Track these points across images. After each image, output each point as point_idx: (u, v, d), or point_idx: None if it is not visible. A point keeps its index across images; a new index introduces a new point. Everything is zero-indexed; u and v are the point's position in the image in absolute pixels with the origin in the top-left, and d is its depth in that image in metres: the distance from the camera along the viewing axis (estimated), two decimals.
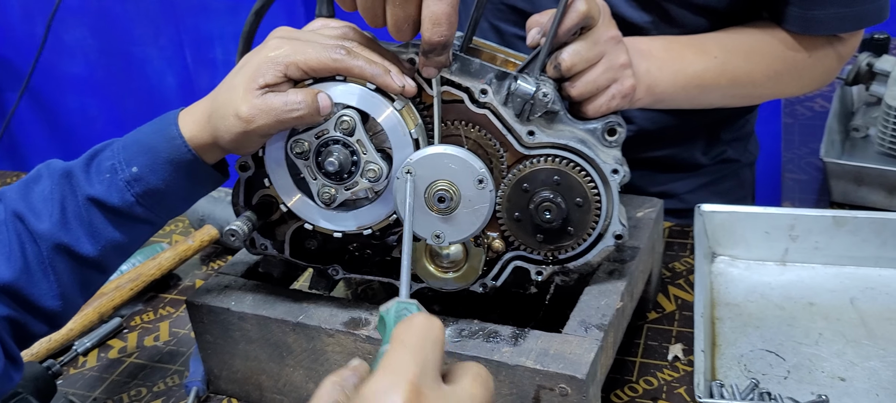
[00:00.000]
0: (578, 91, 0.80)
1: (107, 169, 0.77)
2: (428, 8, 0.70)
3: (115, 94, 2.68)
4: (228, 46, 2.42)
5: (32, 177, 0.79)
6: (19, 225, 0.76)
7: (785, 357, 0.91)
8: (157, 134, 0.78)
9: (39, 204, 0.76)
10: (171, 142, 0.77)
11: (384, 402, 0.47)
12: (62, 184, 0.77)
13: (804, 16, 1.00)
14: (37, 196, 0.77)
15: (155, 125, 0.79)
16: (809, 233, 1.06)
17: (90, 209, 0.77)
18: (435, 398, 0.49)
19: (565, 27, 0.78)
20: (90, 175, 0.77)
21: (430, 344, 0.50)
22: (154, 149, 0.77)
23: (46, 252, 0.76)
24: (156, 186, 0.77)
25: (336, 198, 0.78)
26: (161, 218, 0.81)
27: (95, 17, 2.55)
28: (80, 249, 0.77)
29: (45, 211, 0.76)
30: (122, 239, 0.79)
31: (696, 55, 0.97)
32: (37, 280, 0.76)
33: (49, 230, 0.76)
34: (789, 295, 1.02)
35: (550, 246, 0.82)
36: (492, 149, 0.80)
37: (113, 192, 0.77)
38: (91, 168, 0.78)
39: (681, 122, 1.15)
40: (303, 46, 0.74)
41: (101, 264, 0.80)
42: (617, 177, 0.79)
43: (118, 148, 0.78)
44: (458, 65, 0.78)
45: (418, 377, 0.48)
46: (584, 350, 0.75)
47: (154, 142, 0.77)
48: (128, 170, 0.77)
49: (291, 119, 0.73)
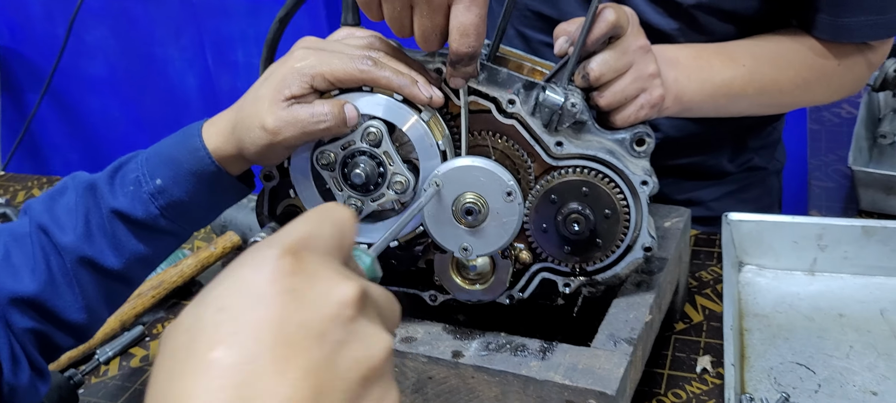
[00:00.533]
0: (607, 101, 0.79)
1: (131, 181, 0.77)
2: (456, 18, 0.69)
3: (136, 95, 2.69)
4: (249, 48, 2.42)
5: (58, 189, 0.79)
6: (43, 237, 0.76)
7: (815, 370, 0.90)
8: (181, 145, 0.77)
9: (64, 217, 0.76)
10: (194, 154, 0.76)
11: (254, 256, 0.39)
12: (86, 196, 0.77)
13: (834, 23, 0.99)
14: (61, 208, 0.77)
15: (178, 136, 0.78)
16: (838, 243, 1.04)
17: (114, 221, 0.77)
18: (317, 265, 0.40)
19: (594, 37, 0.77)
20: (114, 187, 0.77)
21: (329, 223, 0.43)
22: (177, 161, 0.77)
23: (70, 264, 0.76)
24: (179, 198, 0.77)
25: (362, 210, 0.78)
26: (186, 230, 0.81)
27: (116, 18, 2.56)
28: (105, 262, 0.77)
29: (69, 224, 0.76)
30: (147, 251, 0.79)
31: (725, 63, 0.95)
32: (62, 292, 0.76)
33: (73, 243, 0.75)
34: (818, 306, 1.00)
35: (578, 258, 0.81)
36: (519, 159, 0.79)
37: (137, 205, 0.77)
38: (115, 180, 0.78)
39: (707, 130, 1.14)
40: (329, 57, 0.73)
41: (126, 276, 0.79)
42: (646, 188, 0.78)
43: (142, 160, 0.78)
44: (485, 75, 0.77)
45: (300, 242, 0.40)
46: (614, 365, 0.74)
47: (178, 154, 0.77)
48: (152, 182, 0.77)
49: (318, 131, 0.73)
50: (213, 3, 2.38)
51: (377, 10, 0.73)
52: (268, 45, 0.87)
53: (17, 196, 1.58)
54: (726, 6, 1.02)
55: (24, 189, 1.61)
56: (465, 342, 0.79)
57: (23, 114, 2.81)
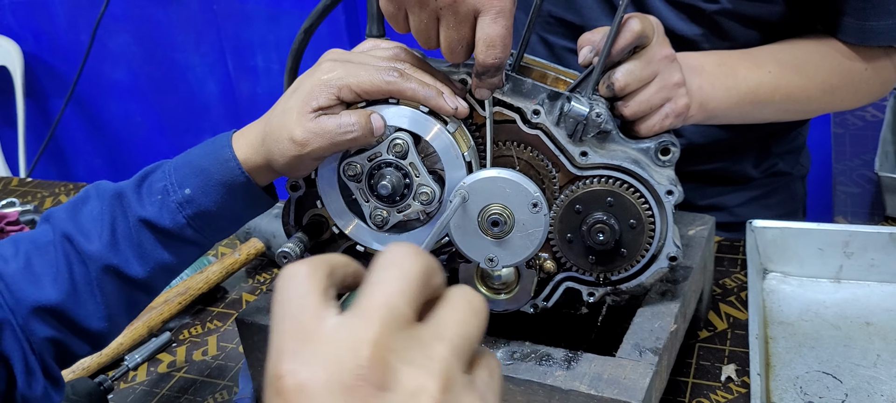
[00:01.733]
0: (632, 110, 0.79)
1: (158, 190, 0.78)
2: (482, 30, 0.70)
3: (158, 101, 2.72)
4: (269, 54, 2.44)
5: (81, 197, 0.79)
6: (68, 246, 0.76)
7: (842, 379, 0.89)
8: (210, 155, 0.78)
9: (89, 225, 0.77)
10: (224, 165, 0.77)
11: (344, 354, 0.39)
12: (113, 204, 0.77)
13: (861, 26, 0.98)
14: (86, 216, 0.77)
15: (207, 147, 0.79)
16: (865, 250, 1.03)
17: (141, 230, 0.77)
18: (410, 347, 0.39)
19: (619, 47, 0.77)
20: (141, 196, 0.78)
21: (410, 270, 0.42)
22: (207, 171, 0.77)
23: (95, 273, 0.76)
24: (208, 208, 0.78)
25: (388, 221, 0.78)
26: (209, 240, 0.81)
27: (139, 25, 2.59)
28: (129, 270, 0.77)
29: (94, 232, 0.76)
30: (171, 260, 0.79)
31: (750, 70, 0.95)
32: (84, 301, 0.76)
33: (99, 251, 0.76)
34: (845, 314, 0.99)
35: (603, 267, 0.81)
36: (544, 170, 0.79)
37: (165, 214, 0.77)
38: (143, 189, 0.78)
39: (731, 136, 1.14)
40: (355, 69, 0.74)
41: (149, 285, 0.80)
42: (671, 197, 0.78)
43: (170, 169, 0.78)
44: (510, 85, 0.78)
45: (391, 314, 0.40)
46: (639, 375, 0.74)
47: (207, 164, 0.77)
48: (180, 191, 0.77)
49: (345, 141, 0.73)
50: (234, 10, 2.40)
51: (403, 22, 0.74)
52: (293, 56, 0.88)
53: (44, 202, 1.60)
54: (750, 12, 1.02)
55: (52, 195, 1.63)
56: (491, 350, 0.79)
57: (47, 121, 2.85)
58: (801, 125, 1.23)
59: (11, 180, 1.75)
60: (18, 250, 0.77)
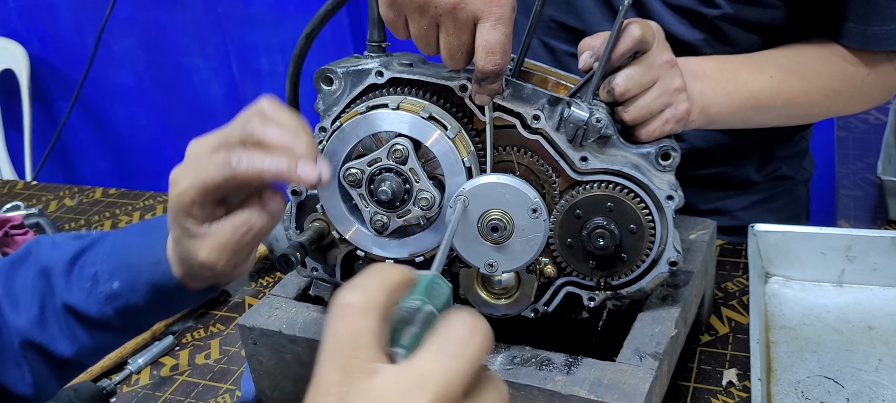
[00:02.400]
0: (632, 116, 0.79)
1: (88, 276, 0.73)
2: (482, 37, 0.70)
3: (163, 103, 2.73)
4: (274, 57, 2.45)
5: (20, 255, 0.76)
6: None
7: (844, 384, 0.89)
8: (144, 250, 0.73)
9: (19, 294, 0.73)
10: (155, 267, 0.72)
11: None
12: (41, 281, 0.74)
13: (863, 31, 0.98)
14: (18, 283, 0.74)
15: (144, 236, 0.74)
16: (867, 254, 1.03)
17: (67, 314, 0.74)
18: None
19: (619, 52, 0.77)
20: (71, 280, 0.73)
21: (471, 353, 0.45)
22: (138, 269, 0.73)
23: (19, 346, 0.73)
24: (136, 304, 0.74)
25: (388, 226, 0.78)
26: (141, 328, 0.79)
27: (144, 29, 2.60)
28: (56, 349, 0.74)
29: (23, 305, 0.73)
30: (100, 344, 0.77)
31: (751, 75, 0.95)
32: (9, 368, 0.73)
33: (25, 326, 0.73)
34: (847, 319, 0.99)
35: (603, 272, 0.81)
36: (544, 174, 0.79)
37: (91, 303, 0.73)
38: (73, 272, 0.74)
39: (733, 140, 1.13)
40: (193, 169, 0.68)
41: (79, 362, 0.77)
42: (671, 203, 0.78)
43: (104, 254, 0.74)
44: (510, 90, 0.78)
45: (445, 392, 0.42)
46: (639, 380, 0.74)
47: (139, 262, 0.73)
48: (109, 283, 0.73)
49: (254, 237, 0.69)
50: (239, 13, 2.41)
51: (403, 29, 0.74)
52: (294, 61, 0.88)
53: (49, 205, 1.60)
54: (751, 17, 1.02)
55: (56, 198, 1.64)
56: (491, 356, 0.79)
57: (53, 124, 2.86)
58: (804, 129, 1.23)
59: (17, 183, 1.76)
60: None
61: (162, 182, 2.79)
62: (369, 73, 0.79)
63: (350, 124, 0.77)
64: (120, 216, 1.52)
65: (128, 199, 1.59)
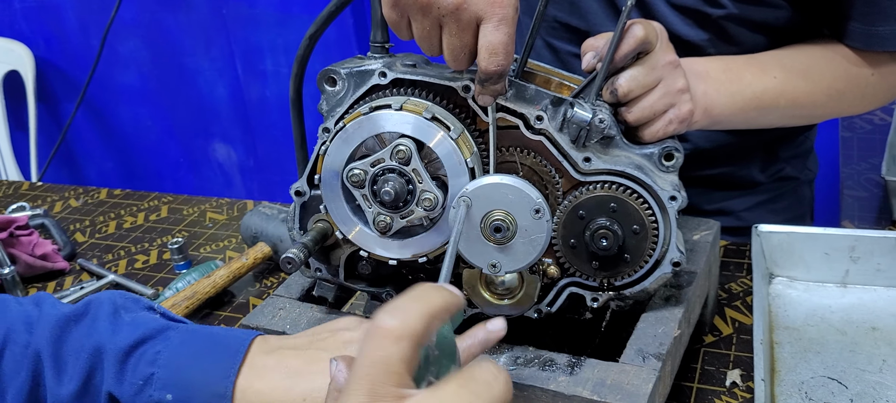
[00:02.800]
0: (635, 116, 0.79)
1: (142, 375, 0.69)
2: (485, 38, 0.70)
3: (168, 104, 2.74)
4: (278, 58, 2.46)
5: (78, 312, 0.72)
6: (39, 366, 0.70)
7: (848, 384, 0.89)
8: (210, 376, 0.69)
9: (68, 360, 0.70)
10: (216, 400, 0.68)
11: None
12: (93, 359, 0.70)
13: (867, 32, 0.98)
14: (69, 349, 0.70)
15: (214, 361, 0.70)
16: (871, 255, 1.03)
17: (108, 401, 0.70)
18: None
19: (622, 53, 0.77)
20: (123, 372, 0.70)
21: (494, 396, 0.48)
22: (195, 391, 0.68)
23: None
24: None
25: (392, 227, 0.79)
26: None
27: (149, 30, 2.61)
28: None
29: (68, 373, 0.69)
30: None
31: (755, 76, 0.95)
32: None
33: (63, 398, 0.69)
34: (850, 319, 0.99)
35: (606, 273, 0.81)
36: (547, 175, 0.79)
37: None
38: (128, 364, 0.70)
39: (737, 140, 1.13)
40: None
41: None
42: (675, 203, 0.78)
43: (165, 358, 0.70)
44: (513, 91, 0.78)
45: None
46: (642, 381, 0.74)
47: (201, 386, 0.69)
48: (161, 393, 0.69)
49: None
50: (243, 14, 2.42)
51: (406, 30, 0.74)
52: (298, 62, 0.88)
53: (54, 206, 1.61)
54: (756, 17, 1.02)
55: (61, 198, 1.64)
56: (494, 356, 0.79)
57: (59, 125, 2.87)
58: (808, 129, 1.22)
59: (22, 184, 1.77)
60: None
61: (167, 182, 2.82)
62: (372, 74, 0.79)
63: (353, 125, 0.77)
64: (125, 217, 1.53)
65: (133, 200, 1.60)
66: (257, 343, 0.72)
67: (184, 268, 1.29)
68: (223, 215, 1.49)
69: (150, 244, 1.41)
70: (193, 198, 1.57)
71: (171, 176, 2.83)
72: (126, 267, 1.33)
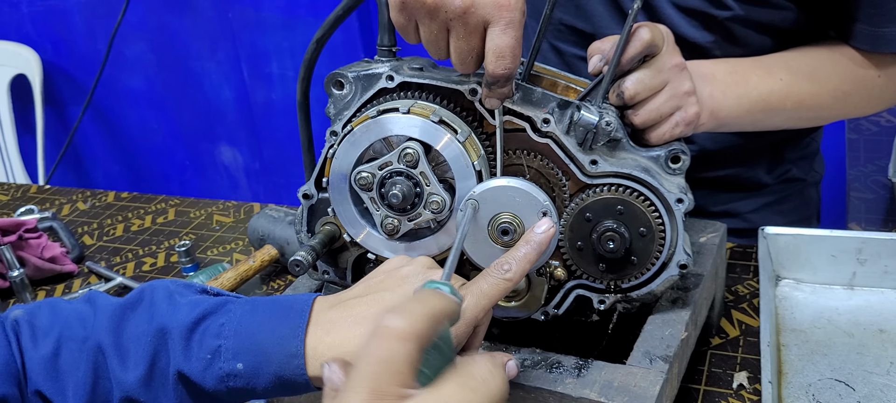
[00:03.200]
0: (642, 119, 0.80)
1: (209, 348, 0.69)
2: (492, 41, 0.70)
3: (174, 108, 2.75)
4: (284, 61, 2.46)
5: (131, 301, 0.72)
6: (100, 358, 0.70)
7: (855, 387, 0.89)
8: (279, 338, 0.68)
9: (129, 346, 0.69)
10: (288, 360, 0.68)
11: None
12: (157, 340, 0.70)
13: (873, 33, 0.98)
14: (129, 335, 0.70)
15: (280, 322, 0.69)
16: (878, 257, 1.03)
17: (177, 381, 0.70)
18: None
19: (628, 56, 0.77)
20: (190, 348, 0.69)
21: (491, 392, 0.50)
22: (267, 356, 0.68)
23: (118, 399, 0.70)
24: (253, 387, 0.70)
25: (399, 229, 0.79)
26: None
27: (155, 34, 2.62)
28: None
29: (132, 358, 0.69)
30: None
31: (761, 78, 0.95)
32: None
33: (130, 383, 0.69)
34: (858, 321, 0.99)
35: (613, 275, 0.81)
36: (554, 178, 0.80)
37: (208, 378, 0.69)
38: (193, 339, 0.69)
39: (744, 142, 1.13)
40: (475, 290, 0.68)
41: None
42: (681, 206, 0.78)
43: (231, 329, 0.69)
44: (520, 94, 0.78)
45: None
46: (649, 383, 0.74)
47: (271, 348, 0.68)
48: (232, 363, 0.68)
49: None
50: (249, 18, 2.43)
51: (414, 33, 0.74)
52: (305, 65, 0.89)
53: (62, 209, 1.62)
54: (762, 18, 1.02)
55: (69, 201, 1.65)
56: None
57: (66, 128, 2.88)
58: (814, 131, 1.22)
59: (30, 187, 1.78)
60: (51, 332, 0.71)
61: (174, 185, 2.82)
62: (380, 78, 0.80)
63: (361, 128, 0.77)
64: (132, 219, 1.53)
65: (140, 203, 1.60)
66: (319, 302, 0.72)
67: (191, 271, 1.29)
68: (230, 218, 1.50)
69: (157, 246, 1.41)
70: (200, 201, 1.57)
71: (177, 179, 2.84)
72: (134, 270, 1.34)
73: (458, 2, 0.69)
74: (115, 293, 1.26)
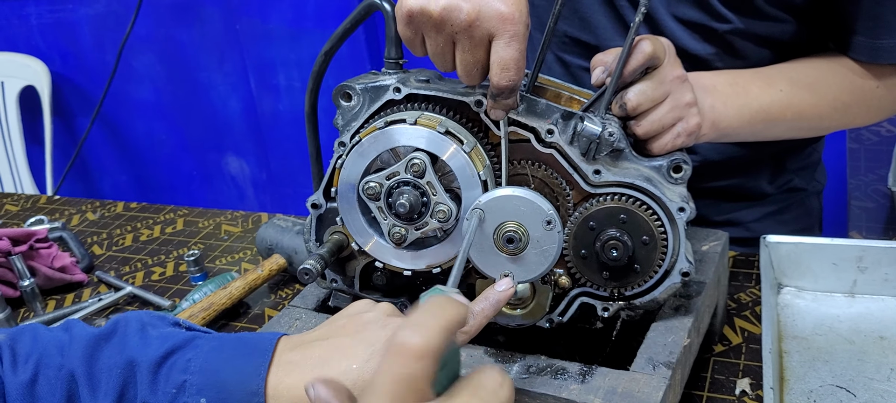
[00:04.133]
0: (644, 130, 0.81)
1: (175, 383, 0.71)
2: (497, 54, 0.72)
3: (182, 119, 2.77)
4: (291, 72, 2.48)
5: (106, 332, 0.74)
6: (72, 386, 0.72)
7: (856, 393, 0.90)
8: (242, 375, 0.70)
9: (101, 377, 0.71)
10: (249, 399, 0.70)
11: None
12: (126, 372, 0.72)
13: (872, 45, 0.99)
14: (102, 366, 0.72)
15: (244, 360, 0.71)
16: (879, 265, 1.04)
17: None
18: None
19: (631, 68, 0.79)
20: (157, 382, 0.71)
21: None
22: (229, 392, 0.70)
23: None
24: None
25: (406, 238, 0.80)
26: None
27: (163, 45, 2.64)
28: None
29: (103, 389, 0.71)
30: None
31: (762, 89, 0.97)
32: None
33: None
34: (859, 329, 1.00)
35: (617, 283, 0.83)
36: (558, 187, 0.81)
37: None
38: (160, 373, 0.71)
39: (746, 152, 1.15)
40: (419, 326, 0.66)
41: None
42: (683, 214, 0.80)
43: (197, 365, 0.71)
44: (524, 105, 0.80)
45: None
46: (653, 389, 0.75)
47: (233, 386, 0.70)
48: (196, 398, 0.70)
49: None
50: (256, 30, 2.45)
51: (420, 47, 0.76)
52: (314, 77, 0.90)
53: (71, 219, 1.64)
54: (762, 31, 1.03)
55: (79, 212, 1.67)
56: (507, 365, 0.81)
57: (74, 139, 2.90)
58: (816, 141, 1.24)
59: (39, 198, 1.80)
60: (30, 358, 0.73)
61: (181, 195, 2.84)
62: (387, 89, 0.82)
63: (369, 139, 0.79)
64: (141, 229, 1.55)
65: (149, 213, 1.62)
66: (282, 342, 0.74)
67: (200, 280, 1.31)
68: (238, 228, 1.51)
69: (166, 256, 1.43)
70: (209, 211, 1.59)
71: (185, 189, 2.86)
72: (143, 279, 1.36)
73: (464, 15, 0.70)
74: (125, 302, 1.28)
